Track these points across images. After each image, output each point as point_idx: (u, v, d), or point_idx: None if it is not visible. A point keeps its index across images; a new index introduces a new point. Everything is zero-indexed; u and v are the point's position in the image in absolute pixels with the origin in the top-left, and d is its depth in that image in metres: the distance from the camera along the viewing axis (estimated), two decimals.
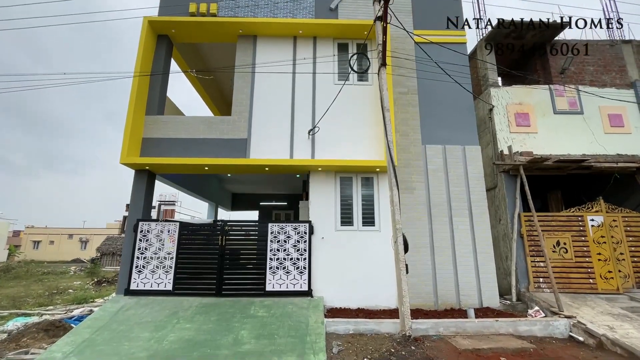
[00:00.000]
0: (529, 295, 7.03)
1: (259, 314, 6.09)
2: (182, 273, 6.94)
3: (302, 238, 7.20)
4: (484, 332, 5.78)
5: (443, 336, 5.68)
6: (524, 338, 5.62)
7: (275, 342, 5.17)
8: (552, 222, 7.62)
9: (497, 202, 8.27)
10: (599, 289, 7.14)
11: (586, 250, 7.38)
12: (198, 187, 11.10)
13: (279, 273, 6.97)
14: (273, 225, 7.21)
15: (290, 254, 7.09)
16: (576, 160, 7.18)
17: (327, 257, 7.16)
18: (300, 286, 6.94)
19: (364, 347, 5.14)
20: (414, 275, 7.08)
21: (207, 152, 7.46)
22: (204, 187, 11.58)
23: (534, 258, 7.45)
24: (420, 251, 7.24)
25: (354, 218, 7.46)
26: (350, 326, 5.82)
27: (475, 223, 7.44)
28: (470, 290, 7.06)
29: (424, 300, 6.98)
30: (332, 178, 7.62)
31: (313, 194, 7.54)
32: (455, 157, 7.84)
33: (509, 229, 7.73)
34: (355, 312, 6.63)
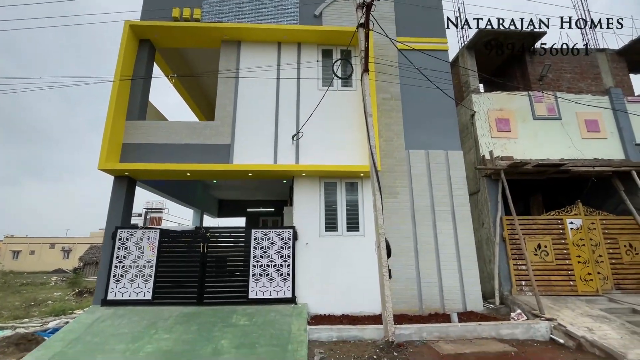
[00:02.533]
0: (511, 299, 7.09)
1: (240, 323, 5.96)
2: (162, 282, 6.76)
3: (285, 244, 7.12)
4: (467, 336, 5.78)
5: (426, 341, 5.65)
6: (506, 341, 5.64)
7: (256, 351, 5.05)
8: (532, 225, 7.74)
9: (480, 206, 8.37)
10: (579, 291, 7.25)
11: (566, 252, 7.51)
12: (182, 193, 10.91)
13: (262, 280, 6.85)
14: (256, 232, 7.12)
15: (273, 260, 6.99)
16: (554, 165, 7.34)
17: (312, 263, 7.09)
18: (284, 293, 6.83)
19: (347, 355, 5.06)
20: (399, 280, 7.06)
21: (190, 158, 7.35)
22: (188, 194, 11.38)
23: (516, 261, 7.53)
24: (405, 256, 7.24)
25: (338, 223, 7.42)
26: (334, 333, 5.74)
27: (458, 227, 7.50)
28: (454, 294, 7.07)
29: (409, 305, 6.96)
30: (316, 183, 7.59)
31: (297, 199, 7.49)
32: (438, 161, 7.92)
33: (492, 233, 7.82)
34: (339, 319, 6.55)
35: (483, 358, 4.94)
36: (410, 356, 5.00)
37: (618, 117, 8.72)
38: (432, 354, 5.11)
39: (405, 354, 5.05)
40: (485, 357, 4.96)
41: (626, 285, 7.47)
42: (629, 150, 8.48)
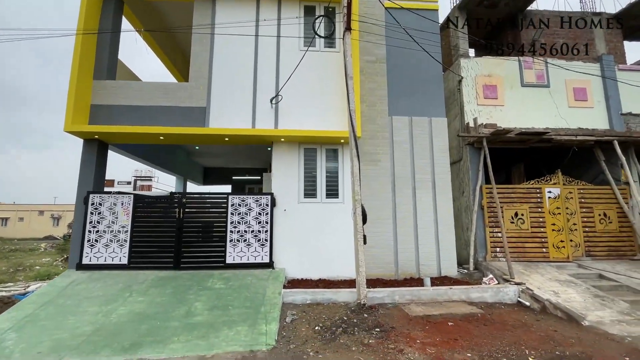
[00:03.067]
0: (485, 264, 7.26)
1: (216, 286, 6.01)
2: (138, 247, 6.70)
3: (263, 210, 7.05)
4: (438, 299, 5.94)
5: (398, 304, 5.80)
6: (475, 304, 5.82)
7: (229, 313, 5.12)
8: (512, 194, 7.78)
9: (462, 175, 8.34)
10: (551, 258, 7.46)
11: (542, 221, 7.63)
12: (163, 160, 10.62)
13: (239, 245, 6.85)
14: (233, 198, 7.00)
15: (251, 226, 6.96)
16: (537, 133, 7.24)
17: (290, 229, 7.07)
18: (261, 258, 6.87)
19: (318, 316, 5.17)
20: (376, 246, 7.14)
21: (163, 121, 7.02)
22: (169, 160, 11.10)
23: (493, 229, 7.64)
24: (383, 223, 7.26)
25: (317, 190, 7.34)
26: (308, 296, 5.84)
27: (438, 195, 7.49)
28: (429, 260, 7.21)
29: (385, 270, 7.09)
30: (295, 149, 7.40)
31: (276, 165, 7.33)
32: (421, 129, 7.75)
33: (471, 201, 7.85)
34: (316, 283, 6.66)
35: (450, 319, 5.09)
36: (380, 317, 5.12)
37: (607, 86, 8.53)
38: (402, 315, 5.26)
39: (376, 316, 5.18)
40: (452, 318, 5.12)
41: (596, 253, 7.69)
42: (614, 120, 8.39)
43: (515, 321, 5.07)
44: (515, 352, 3.97)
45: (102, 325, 4.73)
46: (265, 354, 4.05)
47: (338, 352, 4.02)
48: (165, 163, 10.91)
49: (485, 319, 5.11)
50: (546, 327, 4.80)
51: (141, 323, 4.79)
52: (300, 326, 4.84)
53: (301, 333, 4.62)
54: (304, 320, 5.05)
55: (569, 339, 4.37)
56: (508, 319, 5.14)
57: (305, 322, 4.95)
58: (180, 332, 4.59)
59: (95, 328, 4.66)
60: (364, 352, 3.99)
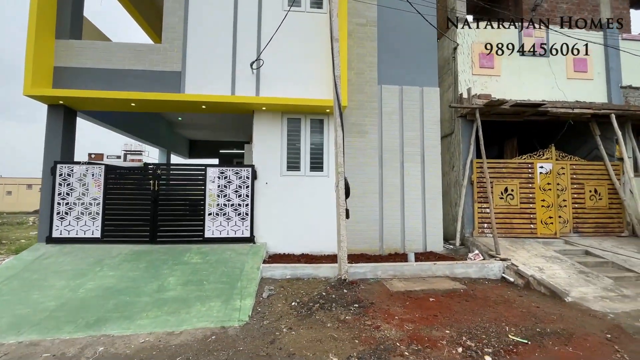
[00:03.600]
0: (472, 240, 7.13)
1: (192, 261, 5.78)
2: (112, 220, 6.40)
3: (244, 183, 6.73)
4: (421, 275, 5.81)
5: (380, 279, 5.65)
6: (458, 280, 5.70)
7: (204, 288, 4.91)
8: (503, 169, 7.53)
9: (452, 149, 8.03)
10: (539, 234, 7.34)
11: (532, 197, 7.44)
12: (144, 131, 10.10)
13: (219, 219, 6.58)
14: (213, 170, 6.65)
15: (231, 199, 6.66)
16: (533, 105, 6.88)
17: (272, 202, 6.80)
18: (242, 233, 6.63)
19: (296, 292, 5.00)
20: (361, 221, 6.92)
21: (134, 86, 6.50)
22: (151, 132, 10.58)
23: (481, 204, 7.45)
24: (369, 197, 7.01)
25: (301, 163, 7.00)
26: (288, 271, 5.66)
27: (426, 169, 7.21)
28: (415, 235, 7.04)
29: (370, 245, 6.92)
30: (278, 119, 6.97)
31: (257, 136, 6.92)
32: (412, 99, 7.33)
33: (460, 176, 7.60)
34: (297, 258, 6.49)
35: (432, 294, 4.96)
36: (360, 293, 4.97)
37: (609, 56, 8.10)
38: (383, 291, 5.11)
39: (356, 291, 5.02)
40: (434, 294, 4.99)
41: (584, 229, 7.59)
42: (613, 94, 8.03)
43: (498, 297, 4.96)
44: (495, 328, 3.83)
45: (68, 301, 4.49)
46: (237, 330, 3.87)
47: (312, 329, 3.85)
48: (146, 134, 10.40)
49: (467, 295, 4.98)
50: (528, 303, 4.69)
51: (109, 298, 4.57)
52: (276, 302, 4.66)
53: (277, 309, 4.44)
54: (281, 295, 4.87)
55: (550, 315, 4.25)
56: (491, 295, 5.02)
57: (283, 298, 4.78)
58: (150, 307, 4.38)
59: (60, 303, 4.43)
60: (339, 329, 3.82)
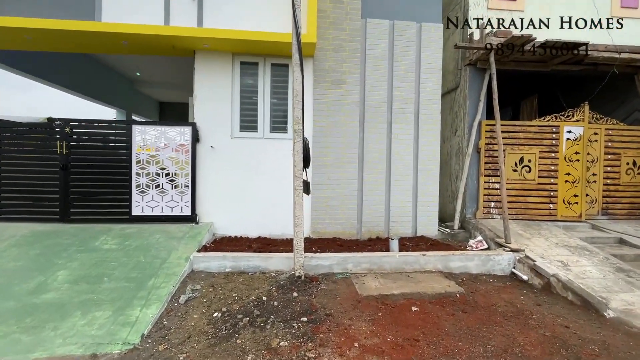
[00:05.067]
0: (474, 223, 5.68)
1: (105, 247, 4.40)
2: (9, 192, 4.96)
3: (182, 147, 5.20)
4: (406, 269, 4.42)
5: (350, 275, 4.27)
6: (454, 277, 4.31)
7: (99, 288, 3.55)
8: (519, 133, 5.91)
9: (457, 108, 6.38)
10: (559, 216, 5.87)
11: (554, 169, 5.88)
12: (91, 87, 8.40)
13: (150, 193, 5.13)
14: (140, 128, 5.10)
15: (166, 167, 5.16)
16: (569, 45, 5.12)
17: (220, 172, 5.31)
18: (180, 210, 5.20)
19: (229, 294, 3.63)
20: (334, 197, 5.45)
21: (29, 10, 4.81)
22: (102, 89, 8.88)
23: (489, 178, 5.92)
24: (346, 167, 5.48)
25: (259, 121, 5.42)
26: (228, 262, 4.27)
27: (421, 131, 5.62)
28: (403, 216, 5.59)
29: (344, 227, 5.49)
30: (228, 63, 5.30)
31: (200, 85, 5.29)
32: (406, 38, 5.57)
33: (465, 142, 6.01)
34: (251, 242, 5.10)
35: (416, 300, 3.58)
36: (317, 297, 3.60)
37: None
38: (350, 293, 3.73)
39: (312, 294, 3.65)
40: (420, 300, 3.60)
41: (615, 210, 6.11)
42: None
43: (508, 306, 3.57)
44: None
45: None
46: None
47: None
48: (97, 92, 8.73)
49: (464, 302, 3.60)
50: (552, 318, 3.30)
51: None
52: (193, 311, 3.30)
53: (189, 323, 3.08)
54: (205, 300, 3.50)
55: (588, 343, 2.86)
56: (497, 302, 3.63)
57: (205, 305, 3.41)
58: (7, 318, 3.04)
59: None
60: None
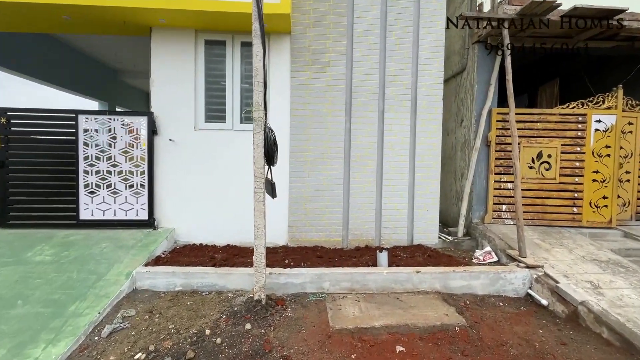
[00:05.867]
0: (482, 229, 4.82)
1: (37, 259, 3.71)
2: None
3: (137, 140, 4.48)
4: (396, 289, 3.61)
5: (327, 296, 3.49)
6: (455, 299, 3.49)
7: (8, 314, 2.87)
8: (537, 123, 4.99)
9: (462, 94, 5.47)
10: (584, 222, 4.95)
11: (579, 166, 4.96)
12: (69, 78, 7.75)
13: (100, 194, 4.43)
14: (87, 118, 4.38)
15: (119, 164, 4.45)
16: (604, 12, 4.15)
17: (183, 170, 4.57)
18: (136, 213, 4.49)
19: (165, 325, 2.89)
20: (315, 199, 4.66)
21: None
22: (81, 79, 8.22)
23: (500, 176, 5.03)
24: (329, 164, 4.68)
25: (227, 111, 4.65)
26: (178, 279, 3.54)
27: (419, 122, 4.76)
28: (397, 220, 4.76)
29: (327, 234, 4.70)
30: (190, 41, 4.52)
31: (157, 68, 4.53)
32: (402, 10, 4.69)
33: (472, 134, 5.12)
34: (218, 252, 4.37)
35: (402, 336, 2.79)
36: (276, 329, 2.84)
37: None
38: (319, 324, 2.95)
39: (270, 324, 2.89)
40: (407, 334, 2.81)
41: None
42: None
43: (523, 344, 2.75)
44: None
45: None
46: None
47: None
48: (76, 84, 8.09)
49: (466, 339, 2.78)
50: None
51: None
52: (113, 350, 2.58)
53: None
54: (133, 333, 2.77)
55: None
56: (509, 339, 2.81)
57: (132, 340, 2.69)
58: None
59: None
60: None
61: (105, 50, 7.83)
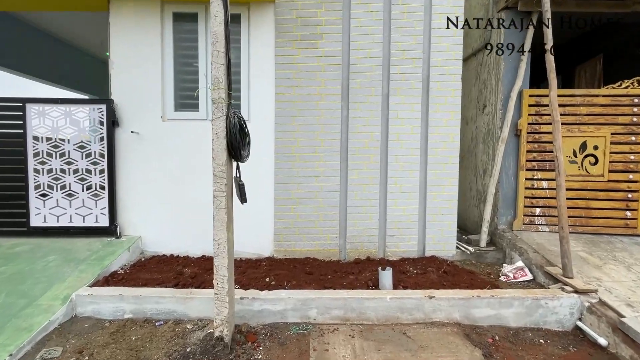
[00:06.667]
0: (510, 238, 3.94)
1: None
2: None
3: (96, 133, 3.80)
4: (402, 320, 2.81)
5: (313, 328, 2.73)
6: (480, 334, 2.67)
7: None
8: (580, 107, 4.06)
9: (485, 74, 4.58)
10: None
11: (633, 159, 4.01)
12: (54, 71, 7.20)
13: (54, 196, 3.78)
14: (38, 108, 3.74)
15: (74, 162, 3.79)
16: None
17: (150, 167, 3.88)
18: (95, 219, 3.83)
19: None
20: (306, 201, 3.89)
21: None
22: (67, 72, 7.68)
23: (534, 173, 4.13)
24: (322, 159, 3.89)
25: (201, 97, 3.92)
26: (128, 305, 2.83)
27: (433, 107, 3.90)
28: (405, 227, 3.94)
29: (321, 243, 3.92)
30: (156, 15, 3.80)
31: (117, 47, 3.83)
32: None
33: (497, 122, 4.23)
34: (189, 265, 3.67)
35: None
36: None
37: None
38: None
39: None
40: None
41: None
42: None
43: None
44: None
45: None
46: None
47: None
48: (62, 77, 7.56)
49: None
50: None
51: None
52: None
53: None
54: None
55: None
56: None
57: None
58: None
59: None
60: None
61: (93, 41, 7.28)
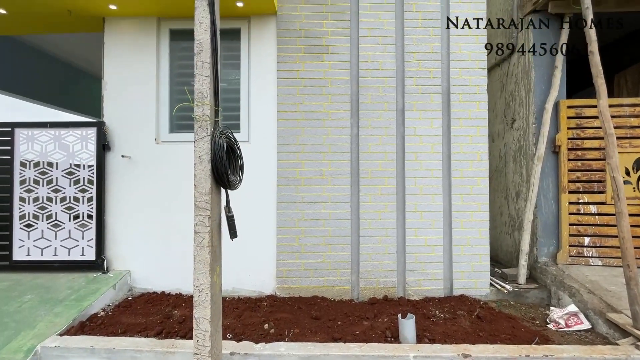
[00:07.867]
0: (555, 273, 3.32)
1: None
2: None
3: (85, 158, 3.53)
4: None
5: None
6: None
7: None
8: (629, 118, 3.50)
9: (512, 85, 4.10)
10: None
11: None
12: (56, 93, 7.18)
13: (39, 227, 3.49)
14: (26, 133, 3.51)
15: (62, 189, 3.51)
16: None
17: (142, 194, 3.55)
18: (81, 252, 3.49)
19: None
20: (313, 231, 3.42)
21: None
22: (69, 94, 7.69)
23: (579, 196, 3.54)
24: (329, 182, 3.45)
25: None
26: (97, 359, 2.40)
27: (454, 122, 3.44)
28: (428, 261, 3.39)
29: (330, 280, 3.41)
30: (151, 32, 3.59)
31: (111, 66, 3.62)
32: None
33: (530, 137, 3.70)
34: (181, 305, 3.23)
35: None
36: None
37: None
38: None
39: None
40: None
41: None
42: None
43: None
44: None
45: None
46: None
47: None
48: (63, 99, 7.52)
49: None
50: None
51: None
52: None
53: None
54: None
55: None
56: None
57: None
58: None
59: None
60: None
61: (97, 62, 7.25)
